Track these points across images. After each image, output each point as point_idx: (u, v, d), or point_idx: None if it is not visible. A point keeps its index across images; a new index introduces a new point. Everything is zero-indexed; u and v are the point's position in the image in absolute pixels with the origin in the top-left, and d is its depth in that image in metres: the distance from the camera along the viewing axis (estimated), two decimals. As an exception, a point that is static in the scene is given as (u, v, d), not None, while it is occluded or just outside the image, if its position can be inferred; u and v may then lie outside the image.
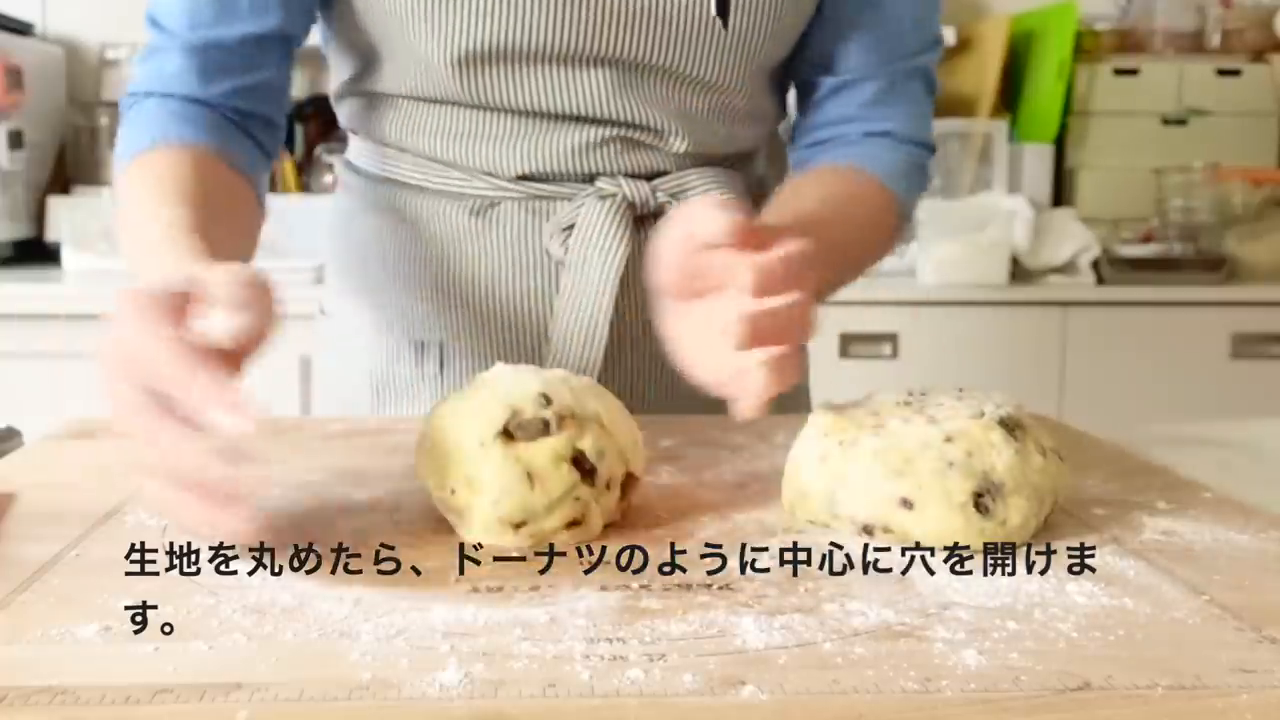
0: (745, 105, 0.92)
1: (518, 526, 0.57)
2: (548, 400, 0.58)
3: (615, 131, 0.88)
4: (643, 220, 0.90)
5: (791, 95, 1.00)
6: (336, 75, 0.97)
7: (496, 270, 0.91)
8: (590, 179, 0.90)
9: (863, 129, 0.92)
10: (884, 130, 0.92)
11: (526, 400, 0.58)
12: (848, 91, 0.93)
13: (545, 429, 0.57)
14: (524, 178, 0.90)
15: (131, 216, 0.76)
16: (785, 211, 0.82)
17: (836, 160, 0.91)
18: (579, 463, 0.58)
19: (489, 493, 0.57)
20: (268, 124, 0.88)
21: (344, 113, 0.98)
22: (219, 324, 0.53)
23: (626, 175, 0.90)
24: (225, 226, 0.74)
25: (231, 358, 0.55)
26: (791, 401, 1.03)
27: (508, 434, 0.57)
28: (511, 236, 0.91)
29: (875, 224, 0.91)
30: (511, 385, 0.60)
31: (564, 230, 0.89)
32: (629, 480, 0.61)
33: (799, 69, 0.95)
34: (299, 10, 0.87)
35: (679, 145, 0.90)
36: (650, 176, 0.91)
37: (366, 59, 0.91)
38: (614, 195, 0.88)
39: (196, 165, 0.78)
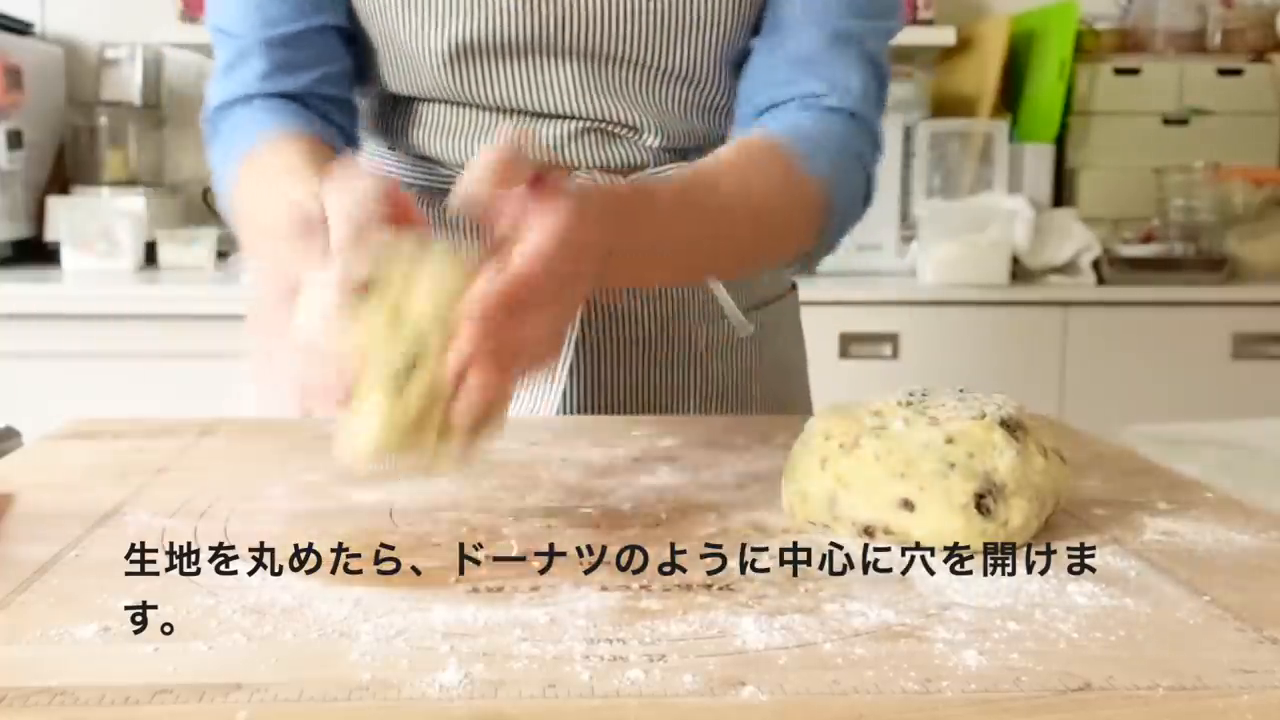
0: (719, 98, 0.92)
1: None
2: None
3: (590, 126, 0.89)
4: None
5: None
6: None
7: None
8: (569, 172, 0.91)
9: (794, 93, 0.87)
10: (813, 93, 0.86)
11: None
12: (776, 50, 0.88)
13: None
14: None
15: (252, 198, 0.79)
16: (677, 178, 0.76)
17: (766, 129, 0.84)
18: None
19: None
20: (346, 107, 0.91)
21: None
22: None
23: (603, 169, 0.91)
24: None
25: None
26: (791, 403, 1.03)
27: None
28: None
29: (778, 194, 0.82)
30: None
31: None
32: None
33: None
34: None
35: (653, 140, 0.91)
36: (627, 170, 0.91)
37: (359, 58, 0.92)
38: None
39: (306, 148, 0.80)
